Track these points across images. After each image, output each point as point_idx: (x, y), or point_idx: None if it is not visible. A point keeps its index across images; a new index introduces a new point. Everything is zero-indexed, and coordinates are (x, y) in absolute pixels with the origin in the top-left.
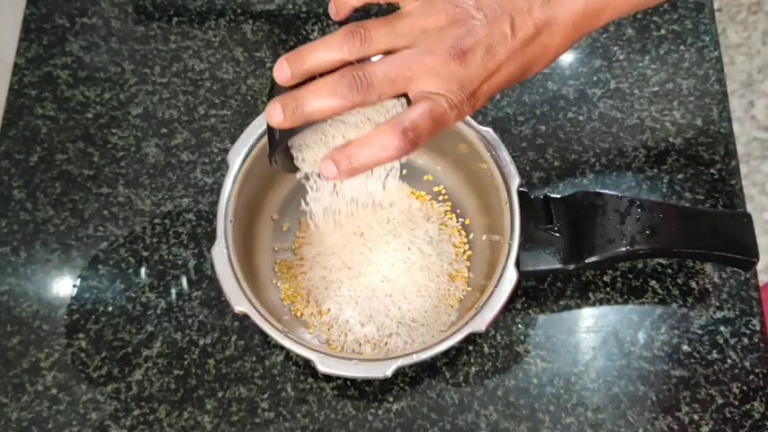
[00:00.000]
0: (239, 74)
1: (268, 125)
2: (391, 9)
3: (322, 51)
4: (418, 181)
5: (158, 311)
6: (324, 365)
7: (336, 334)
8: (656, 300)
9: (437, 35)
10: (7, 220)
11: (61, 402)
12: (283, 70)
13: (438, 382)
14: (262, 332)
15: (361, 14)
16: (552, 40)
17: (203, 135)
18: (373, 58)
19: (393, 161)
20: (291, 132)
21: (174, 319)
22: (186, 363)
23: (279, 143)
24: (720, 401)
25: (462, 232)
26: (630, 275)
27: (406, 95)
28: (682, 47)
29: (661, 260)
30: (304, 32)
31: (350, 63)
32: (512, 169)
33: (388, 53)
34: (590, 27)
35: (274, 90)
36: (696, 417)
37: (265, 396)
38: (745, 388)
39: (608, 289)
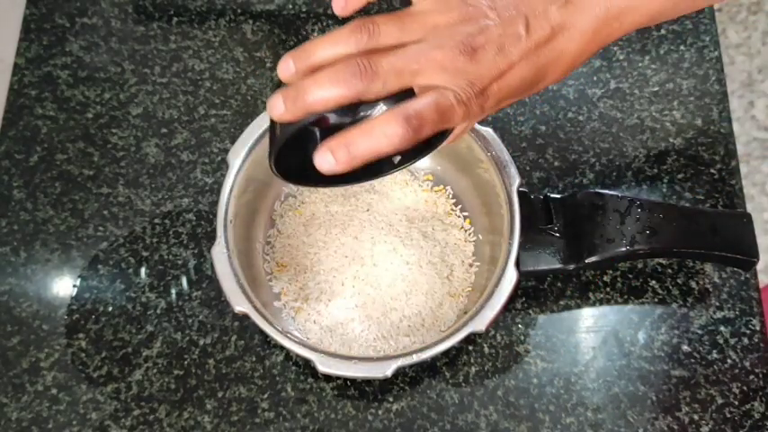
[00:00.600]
0: (239, 74)
1: (270, 125)
2: (395, 8)
3: (328, 46)
4: (418, 181)
5: (158, 311)
6: (324, 365)
7: (336, 334)
8: (656, 300)
9: (448, 31)
10: (7, 220)
11: (61, 402)
12: (287, 66)
13: (438, 382)
14: (262, 332)
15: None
16: (568, 45)
17: (203, 135)
18: None
19: (393, 151)
20: (291, 127)
21: (174, 319)
22: (186, 363)
23: (279, 139)
24: (720, 401)
25: (462, 232)
26: (630, 275)
27: (411, 90)
28: (682, 47)
29: (661, 260)
30: (304, 32)
31: None
32: (512, 169)
33: (395, 48)
34: (609, 36)
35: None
36: (696, 417)
37: (265, 396)
38: (745, 388)
39: (608, 289)
